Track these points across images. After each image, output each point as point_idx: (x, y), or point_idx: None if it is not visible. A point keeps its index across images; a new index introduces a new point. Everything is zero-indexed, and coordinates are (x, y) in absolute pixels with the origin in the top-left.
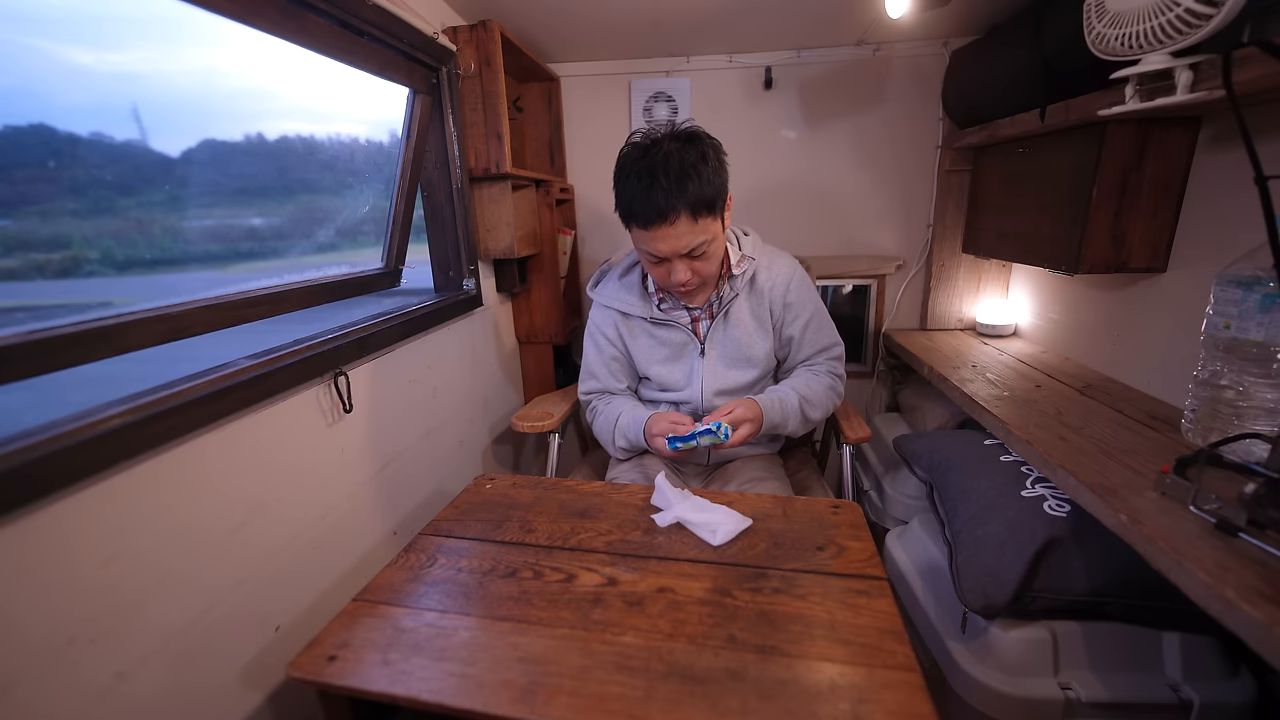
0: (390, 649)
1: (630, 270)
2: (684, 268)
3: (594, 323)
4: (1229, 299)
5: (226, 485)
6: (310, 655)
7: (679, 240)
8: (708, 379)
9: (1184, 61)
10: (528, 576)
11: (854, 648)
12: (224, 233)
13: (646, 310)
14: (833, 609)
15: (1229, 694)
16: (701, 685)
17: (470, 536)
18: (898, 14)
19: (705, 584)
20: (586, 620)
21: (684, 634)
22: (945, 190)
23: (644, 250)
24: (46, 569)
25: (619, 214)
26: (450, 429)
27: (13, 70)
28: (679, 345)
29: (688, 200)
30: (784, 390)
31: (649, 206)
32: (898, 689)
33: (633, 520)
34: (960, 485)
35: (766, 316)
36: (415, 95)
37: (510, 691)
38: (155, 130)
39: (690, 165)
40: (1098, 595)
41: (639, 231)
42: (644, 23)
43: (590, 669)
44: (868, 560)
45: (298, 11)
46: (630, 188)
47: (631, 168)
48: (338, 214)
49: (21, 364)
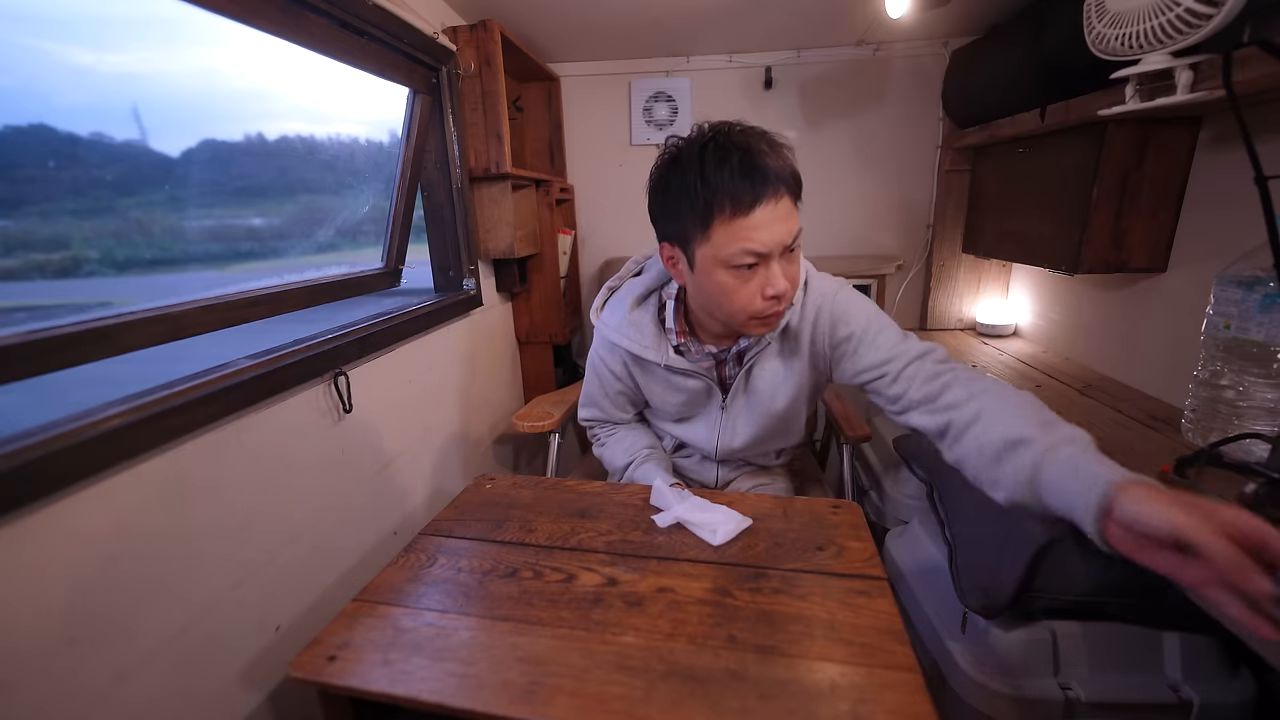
0: (390, 649)
1: (642, 304)
2: (783, 271)
3: (599, 355)
4: (1229, 299)
5: (227, 485)
6: (311, 655)
7: (783, 224)
8: (724, 434)
9: (1184, 61)
10: (528, 576)
11: (854, 648)
12: (224, 233)
13: (661, 355)
14: (833, 609)
15: (1229, 694)
16: (702, 685)
17: (470, 536)
18: (898, 14)
19: (705, 584)
20: (587, 620)
21: (684, 634)
22: (945, 190)
23: (739, 252)
24: (47, 569)
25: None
26: (450, 429)
27: (13, 70)
28: (697, 393)
29: (785, 173)
30: (1081, 453)
31: (753, 180)
32: (898, 689)
33: (633, 520)
34: (960, 485)
35: (802, 355)
36: (415, 95)
37: (510, 691)
38: (155, 130)
39: (766, 135)
40: (1098, 595)
41: (731, 226)
42: (644, 23)
43: (590, 669)
44: (868, 560)
45: (298, 11)
46: (719, 173)
47: (697, 156)
48: (338, 214)
49: (21, 364)
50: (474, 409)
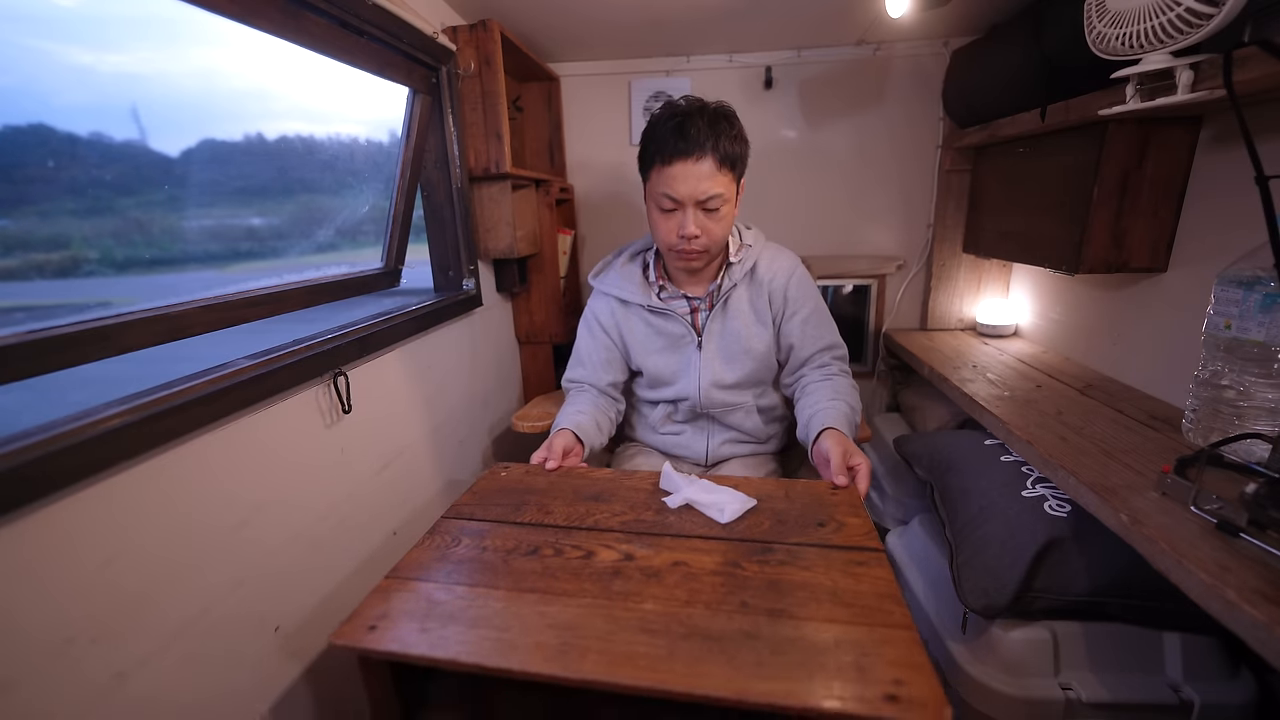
0: (427, 619)
1: (633, 259)
2: (695, 219)
3: (591, 310)
4: (1230, 299)
5: (226, 485)
6: (351, 626)
7: (700, 182)
8: (705, 373)
9: (1185, 61)
10: (549, 554)
11: (855, 609)
12: (223, 233)
13: (645, 298)
14: (835, 577)
15: (1230, 694)
16: (719, 644)
17: (491, 519)
18: (898, 14)
19: (716, 558)
20: (608, 591)
21: (700, 601)
22: (946, 190)
23: (660, 194)
24: (47, 569)
25: (640, 165)
26: (450, 429)
27: (13, 70)
28: (676, 337)
29: (717, 144)
30: (835, 405)
31: (678, 139)
32: (896, 644)
33: (644, 502)
34: (961, 485)
35: (766, 308)
36: (415, 95)
37: (543, 652)
38: (155, 130)
39: (723, 118)
40: (1098, 595)
41: (659, 172)
42: (644, 22)
43: (615, 632)
44: (865, 535)
45: (298, 11)
46: (660, 129)
47: (664, 115)
48: (337, 214)
49: (21, 364)
50: (473, 409)
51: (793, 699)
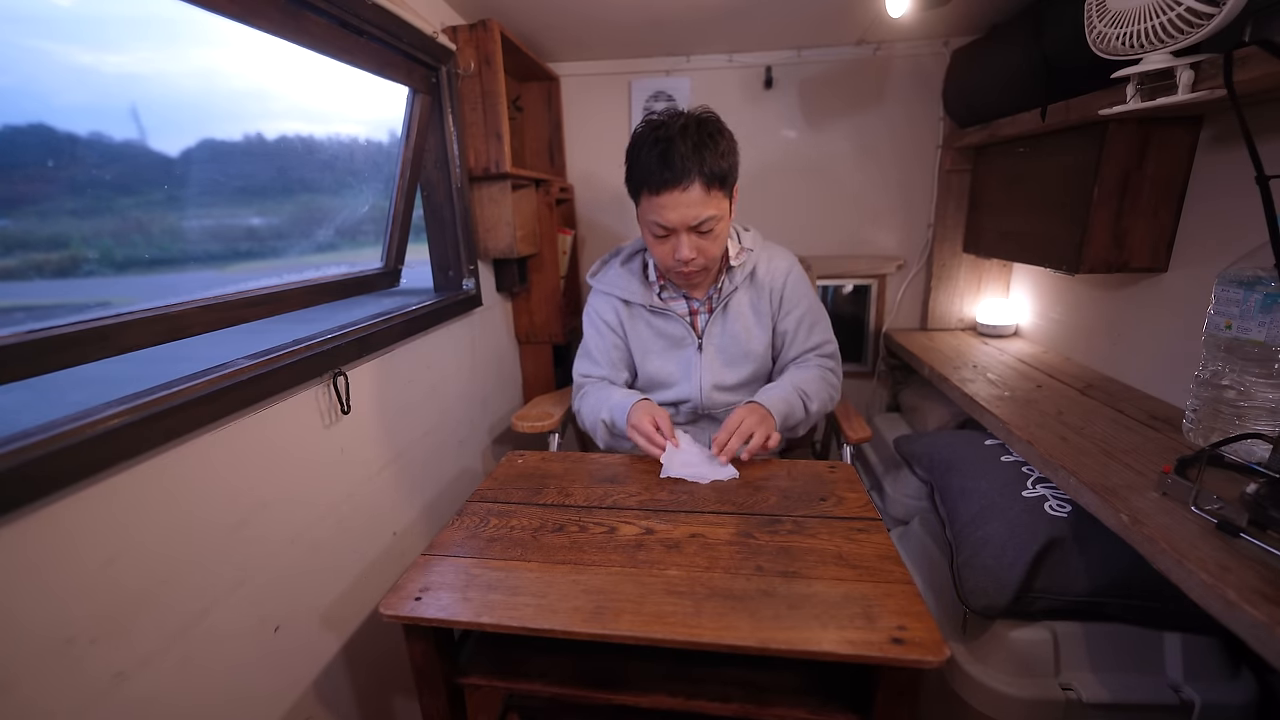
0: (468, 589)
1: (632, 258)
2: (690, 243)
3: (594, 308)
4: (1230, 299)
5: (226, 485)
6: (396, 598)
7: (690, 209)
8: (705, 375)
9: (1185, 61)
10: (575, 530)
11: (860, 569)
12: (223, 232)
13: (647, 298)
14: (839, 543)
15: (1230, 695)
16: (740, 601)
17: (515, 501)
18: (898, 13)
19: (730, 529)
20: (634, 560)
21: (719, 567)
22: (946, 190)
23: (651, 221)
24: (47, 569)
25: (629, 188)
26: (449, 429)
27: (13, 70)
28: (676, 339)
29: (703, 168)
30: (778, 384)
31: (664, 169)
32: (898, 596)
33: (658, 484)
34: (961, 486)
35: (766, 309)
36: (415, 95)
37: (581, 614)
38: (155, 130)
39: (707, 135)
40: (1099, 595)
41: (648, 200)
42: (644, 22)
43: (645, 595)
44: (864, 507)
45: (297, 11)
46: (644, 155)
47: (647, 138)
48: (337, 214)
49: (20, 364)
50: (473, 409)
51: (812, 644)
